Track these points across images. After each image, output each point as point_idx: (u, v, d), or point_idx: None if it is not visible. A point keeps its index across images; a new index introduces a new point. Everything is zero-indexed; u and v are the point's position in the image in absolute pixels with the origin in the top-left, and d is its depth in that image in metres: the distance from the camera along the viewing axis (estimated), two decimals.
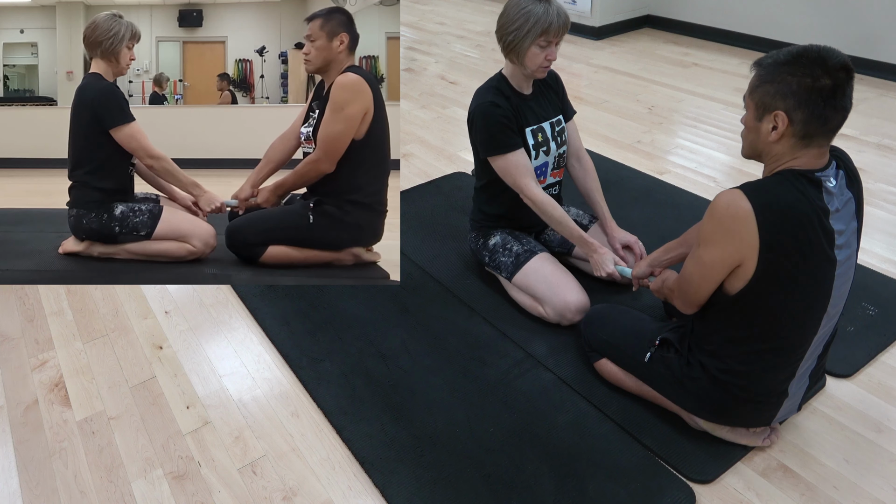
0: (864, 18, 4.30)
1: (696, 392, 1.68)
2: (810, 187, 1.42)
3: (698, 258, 1.52)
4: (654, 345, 1.76)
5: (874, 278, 2.39)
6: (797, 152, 1.43)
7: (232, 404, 1.95)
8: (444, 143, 3.60)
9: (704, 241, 1.49)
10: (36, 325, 2.27)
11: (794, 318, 1.51)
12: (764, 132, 1.44)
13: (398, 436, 1.81)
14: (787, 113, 1.39)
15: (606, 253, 2.08)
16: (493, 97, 2.08)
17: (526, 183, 2.08)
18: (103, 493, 1.69)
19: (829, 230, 1.43)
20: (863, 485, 1.66)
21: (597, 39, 5.34)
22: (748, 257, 1.43)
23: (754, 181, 1.46)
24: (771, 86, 1.40)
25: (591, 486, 1.66)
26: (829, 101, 1.35)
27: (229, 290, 2.41)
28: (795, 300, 1.48)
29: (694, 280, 1.56)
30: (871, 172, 3.18)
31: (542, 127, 2.18)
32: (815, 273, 1.46)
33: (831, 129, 1.40)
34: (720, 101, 4.06)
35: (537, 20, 1.94)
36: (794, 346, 1.56)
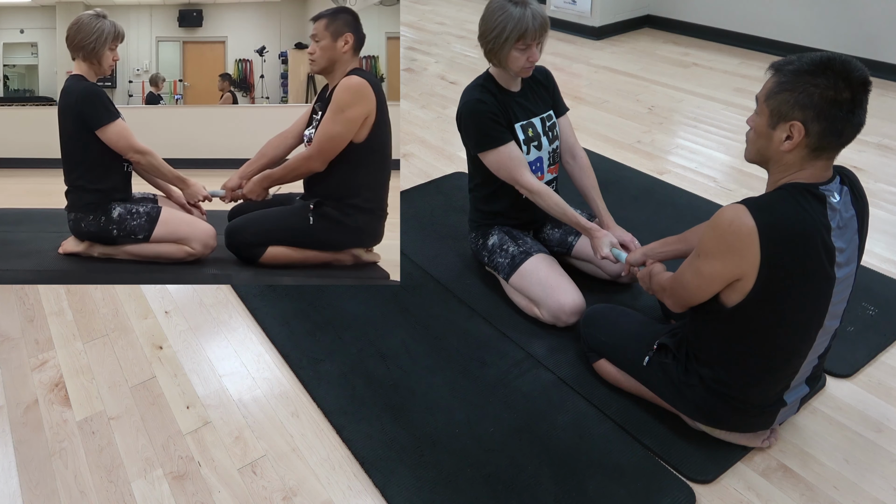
0: (864, 18, 4.30)
1: (693, 399, 1.69)
2: (814, 203, 1.40)
3: (697, 269, 1.51)
4: (653, 349, 1.76)
5: (874, 278, 2.39)
6: (806, 164, 1.41)
7: (232, 404, 1.95)
8: (444, 143, 3.60)
9: (705, 254, 1.48)
10: (36, 325, 2.27)
11: (789, 334, 1.51)
12: (776, 141, 1.41)
13: (398, 436, 1.81)
14: (805, 124, 1.35)
15: (605, 235, 2.09)
16: (479, 94, 2.10)
17: (521, 173, 2.09)
18: (103, 493, 1.69)
19: (830, 248, 1.42)
20: (863, 485, 1.66)
21: (597, 39, 5.34)
22: (748, 274, 1.43)
23: (758, 197, 1.44)
24: (791, 94, 1.36)
25: (591, 486, 1.66)
26: (848, 116, 1.33)
27: (229, 290, 2.41)
28: (791, 316, 1.48)
29: (690, 288, 1.56)
30: (871, 172, 3.18)
31: (532, 122, 2.18)
32: (813, 291, 1.46)
33: (843, 143, 1.38)
34: (720, 101, 4.06)
35: (514, 26, 1.96)
36: (789, 359, 1.56)
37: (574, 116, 3.89)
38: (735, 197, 2.99)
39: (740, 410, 1.63)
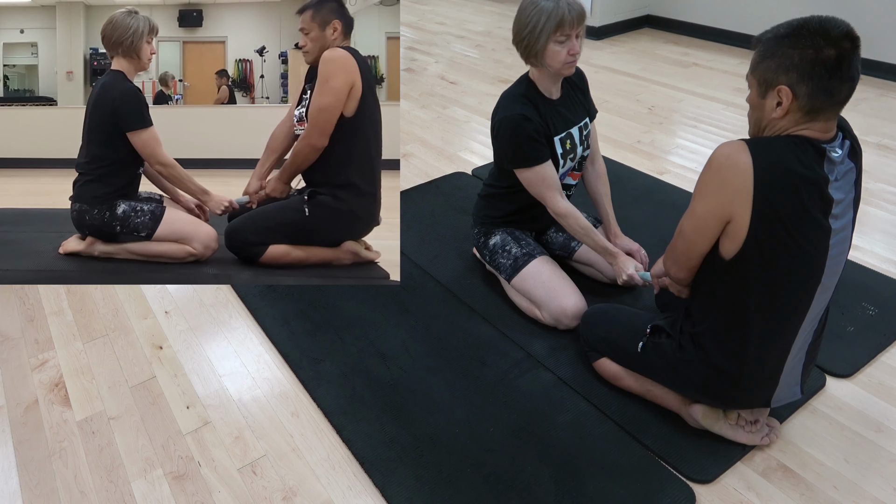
0: (864, 18, 4.30)
1: (690, 376, 1.67)
2: (814, 154, 1.38)
3: (691, 211, 1.50)
4: (646, 334, 1.76)
5: (874, 278, 2.39)
6: (803, 126, 1.40)
7: (232, 404, 1.95)
8: (444, 143, 3.60)
9: (699, 193, 1.47)
10: (36, 325, 2.27)
11: (788, 287, 1.48)
12: (769, 108, 1.41)
13: (398, 436, 1.81)
14: (791, 87, 1.35)
15: (629, 260, 2.07)
16: (523, 108, 1.99)
17: (551, 195, 2.05)
18: (103, 493, 1.69)
19: (827, 198, 1.40)
20: (863, 485, 1.66)
21: (597, 39, 5.34)
22: (740, 213, 1.40)
23: (759, 137, 1.42)
24: (772, 61, 1.37)
25: (591, 486, 1.66)
26: (835, 73, 1.31)
27: (229, 290, 2.41)
28: (789, 267, 1.45)
29: (687, 235, 1.53)
30: (871, 172, 3.18)
31: (571, 133, 2.12)
32: (809, 240, 1.43)
33: (839, 102, 1.36)
34: (720, 101, 4.06)
35: (549, 16, 1.87)
36: (789, 316, 1.53)
37: None
38: None
39: (736, 382, 1.61)
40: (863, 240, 2.63)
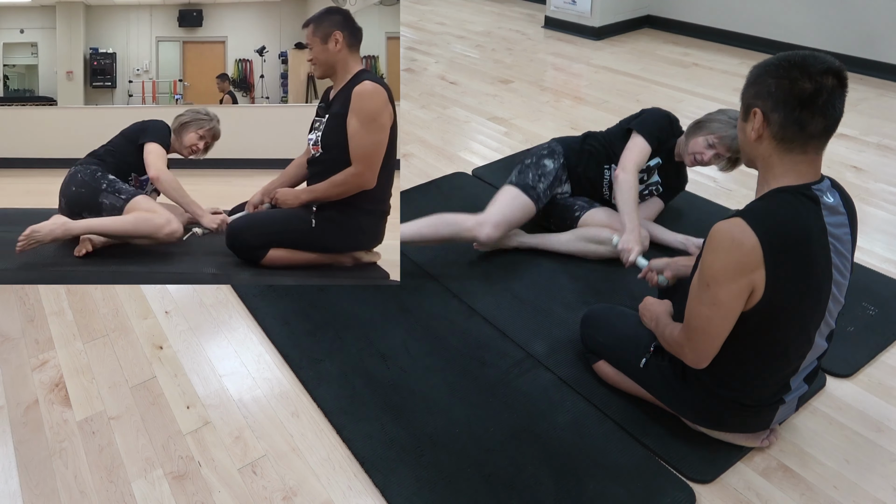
0: (864, 18, 4.30)
1: (690, 402, 1.69)
2: (809, 203, 1.41)
3: (713, 300, 1.43)
4: (650, 351, 1.76)
5: (874, 278, 2.39)
6: (779, 159, 1.42)
7: (232, 404, 1.95)
8: (444, 143, 3.60)
9: (715, 281, 1.42)
10: (36, 325, 2.27)
11: (792, 335, 1.51)
12: (748, 132, 1.45)
13: (398, 436, 1.81)
14: (765, 113, 1.40)
15: (637, 241, 2.21)
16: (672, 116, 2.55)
17: (632, 160, 2.39)
18: (103, 493, 1.69)
19: (827, 247, 1.44)
20: (863, 485, 1.66)
21: (597, 39, 5.34)
22: (758, 283, 1.41)
23: (752, 205, 1.44)
24: (753, 87, 1.43)
25: (591, 486, 1.66)
26: (807, 106, 1.35)
27: (229, 290, 2.41)
28: (795, 318, 1.48)
29: (714, 324, 1.46)
30: (871, 172, 3.18)
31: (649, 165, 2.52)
32: (816, 290, 1.46)
33: (810, 136, 1.38)
34: (720, 101, 4.06)
35: None
36: (790, 360, 1.56)
37: (574, 116, 3.89)
38: (734, 197, 2.99)
39: (738, 412, 1.63)
40: (863, 240, 2.63)
